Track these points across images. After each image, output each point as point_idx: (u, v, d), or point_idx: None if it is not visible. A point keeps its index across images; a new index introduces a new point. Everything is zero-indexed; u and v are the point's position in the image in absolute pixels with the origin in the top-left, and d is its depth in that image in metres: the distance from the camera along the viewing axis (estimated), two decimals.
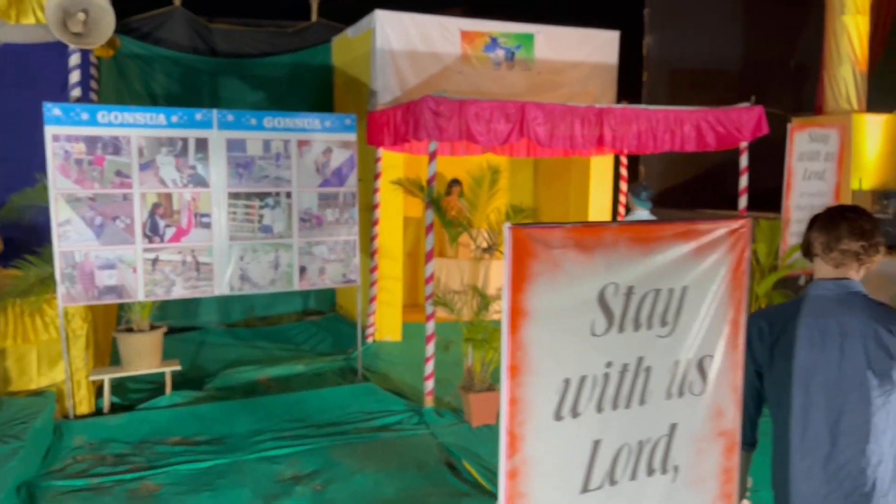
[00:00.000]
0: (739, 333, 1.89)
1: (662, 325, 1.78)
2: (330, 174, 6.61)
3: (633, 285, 1.71)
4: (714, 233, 1.82)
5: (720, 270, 1.84)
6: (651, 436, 1.80)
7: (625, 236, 1.69)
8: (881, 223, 2.31)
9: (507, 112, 6.19)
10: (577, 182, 9.75)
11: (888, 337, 2.16)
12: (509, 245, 1.54)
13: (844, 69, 8.14)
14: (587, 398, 1.69)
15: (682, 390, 1.84)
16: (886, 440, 2.22)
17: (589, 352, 1.68)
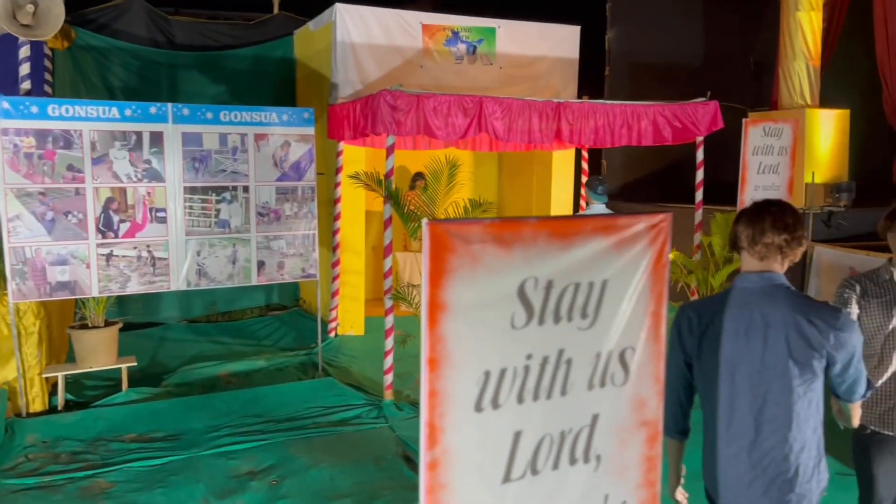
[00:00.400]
0: (661, 325, 1.94)
1: (583, 317, 1.81)
2: (288, 168, 6.58)
3: (552, 279, 1.74)
4: (634, 227, 1.86)
5: (641, 264, 1.89)
6: (573, 426, 1.84)
7: (544, 231, 1.72)
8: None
9: (464, 106, 6.22)
10: (540, 176, 9.82)
11: (809, 328, 2.23)
12: (427, 241, 1.57)
13: (798, 64, 8.30)
14: (508, 390, 1.72)
15: (604, 381, 1.88)
16: (809, 428, 2.29)
17: (509, 344, 1.71)
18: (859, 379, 2.34)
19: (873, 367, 3.08)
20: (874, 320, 3.06)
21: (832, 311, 2.24)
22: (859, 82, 10.49)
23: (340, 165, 8.09)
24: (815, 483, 2.31)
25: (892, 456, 3.01)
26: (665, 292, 1.93)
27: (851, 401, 2.42)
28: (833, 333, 2.21)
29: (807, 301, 2.28)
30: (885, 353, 3.04)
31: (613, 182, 11.17)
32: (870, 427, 3.07)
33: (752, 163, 7.22)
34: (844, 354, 2.24)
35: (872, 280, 3.11)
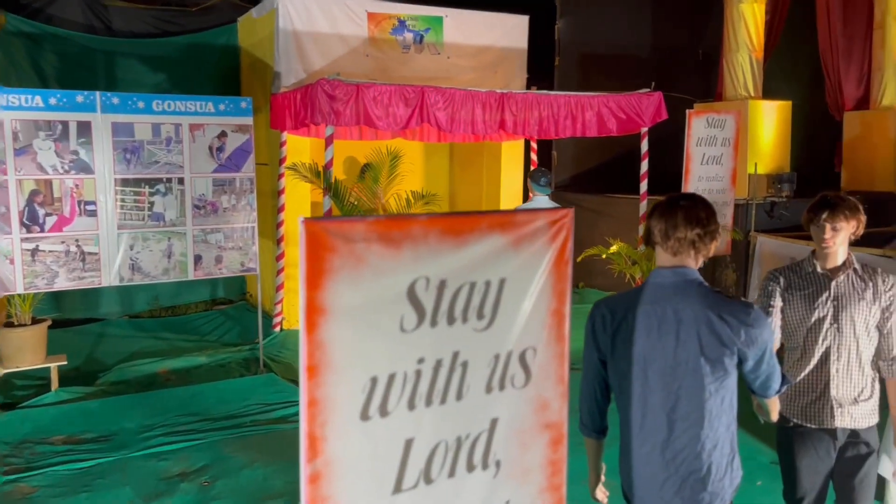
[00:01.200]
0: (564, 325, 1.87)
1: (479, 318, 1.74)
2: (225, 159, 6.40)
3: (445, 279, 1.66)
4: (533, 223, 1.78)
5: (541, 261, 1.82)
6: (470, 431, 1.77)
7: (436, 229, 1.63)
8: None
9: (406, 96, 6.11)
10: (489, 167, 9.77)
11: (720, 324, 2.19)
12: (304, 240, 1.47)
13: (742, 56, 8.37)
14: (397, 396, 1.64)
15: (504, 384, 1.81)
16: (722, 425, 2.26)
17: (398, 348, 1.62)
18: (773, 374, 2.32)
19: (796, 359, 3.08)
20: (797, 313, 3.05)
21: (743, 308, 2.21)
22: (803, 74, 10.66)
23: (284, 156, 7.91)
24: (728, 481, 2.28)
25: (814, 449, 3.02)
26: (568, 290, 1.86)
27: (767, 396, 2.39)
28: (744, 330, 2.18)
29: (719, 297, 2.24)
30: (807, 345, 3.04)
31: (563, 173, 11.18)
32: (792, 420, 3.07)
33: (696, 154, 7.26)
34: (756, 351, 2.21)
35: (796, 272, 3.11)
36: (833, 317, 2.98)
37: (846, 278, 3.01)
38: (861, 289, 2.99)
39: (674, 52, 11.54)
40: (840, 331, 2.97)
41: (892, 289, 3.00)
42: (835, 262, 3.03)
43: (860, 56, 9.88)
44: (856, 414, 2.98)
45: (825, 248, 3.01)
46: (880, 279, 3.01)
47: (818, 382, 3.01)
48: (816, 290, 3.03)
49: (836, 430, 2.99)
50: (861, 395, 2.98)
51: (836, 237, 2.98)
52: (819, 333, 3.00)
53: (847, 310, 2.97)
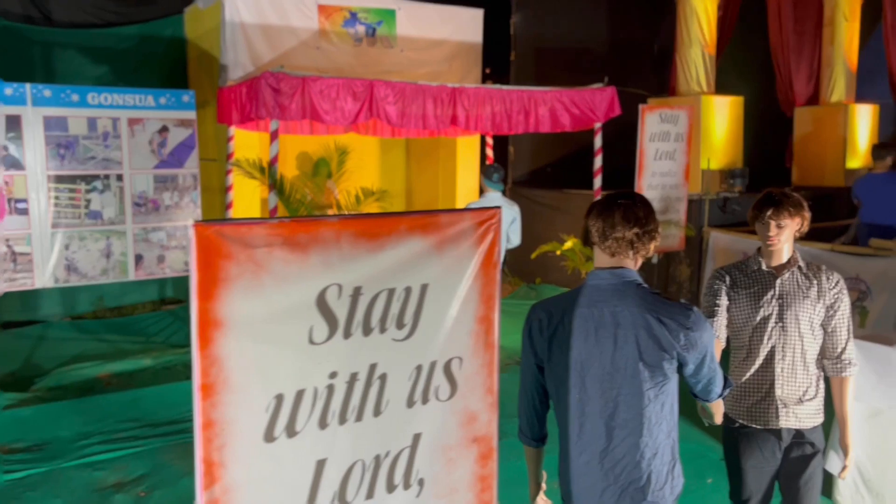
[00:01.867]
0: (492, 332, 1.76)
1: (399, 327, 1.62)
2: (167, 155, 6.16)
3: (360, 286, 1.54)
4: (458, 225, 1.67)
5: (467, 265, 1.70)
6: (390, 449, 1.65)
7: (349, 232, 1.51)
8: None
9: (354, 90, 5.95)
10: (445, 163, 9.65)
11: (659, 328, 2.10)
12: (194, 246, 1.32)
13: (694, 52, 8.38)
14: (307, 414, 1.51)
15: (427, 397, 1.69)
16: (662, 432, 2.18)
17: (307, 363, 1.49)
18: (714, 378, 2.24)
19: (741, 359, 3.02)
20: (742, 312, 3.00)
21: (682, 310, 2.12)
22: (755, 70, 10.76)
23: (231, 151, 7.67)
24: (668, 489, 2.20)
25: (759, 449, 2.97)
26: (496, 295, 1.75)
27: (709, 400, 2.32)
28: (683, 333, 2.10)
29: (657, 299, 2.15)
30: (752, 345, 2.98)
31: (521, 169, 11.11)
32: (738, 420, 3.02)
33: (649, 149, 7.24)
34: (696, 354, 2.13)
35: (742, 270, 3.06)
36: (778, 315, 2.93)
37: (791, 276, 2.96)
38: (806, 287, 2.95)
39: (630, 48, 11.54)
40: (785, 330, 2.93)
41: (836, 286, 2.96)
42: (780, 260, 2.99)
43: (810, 53, 10.01)
44: (800, 414, 2.93)
45: (770, 246, 2.96)
46: (825, 277, 2.97)
47: (763, 382, 2.96)
48: (762, 289, 2.97)
49: (781, 430, 2.94)
50: (806, 395, 2.94)
51: (781, 234, 2.93)
52: (764, 332, 2.95)
53: (792, 308, 2.92)
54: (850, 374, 2.96)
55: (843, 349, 2.96)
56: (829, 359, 2.99)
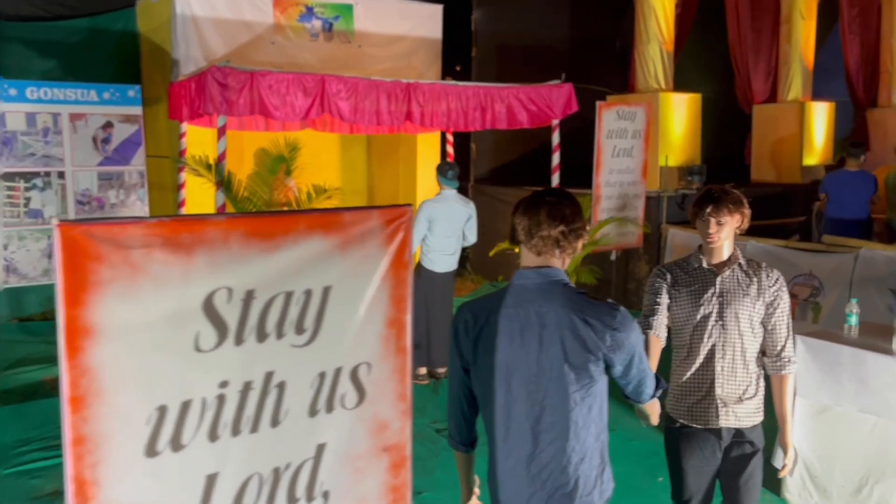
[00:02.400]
0: (404, 336, 1.68)
1: (298, 332, 1.53)
2: (112, 151, 5.98)
3: (253, 289, 1.45)
4: (364, 223, 1.58)
5: (374, 266, 1.62)
6: (291, 460, 1.56)
7: (239, 231, 1.41)
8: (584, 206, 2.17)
9: (305, 85, 5.83)
10: (406, 160, 9.55)
11: (584, 328, 2.04)
12: (58, 248, 1.22)
13: (653, 48, 8.40)
14: (194, 426, 1.41)
15: (332, 405, 1.61)
16: (590, 435, 2.12)
17: (193, 371, 1.40)
18: (645, 379, 2.19)
19: (682, 358, 2.99)
20: (683, 310, 2.96)
21: (609, 310, 2.06)
22: (715, 67, 10.83)
23: (184, 148, 7.48)
24: (597, 494, 2.14)
25: (700, 449, 2.94)
26: (408, 297, 1.67)
27: (640, 401, 2.27)
28: (609, 334, 2.04)
29: (584, 299, 2.09)
30: (693, 343, 2.95)
31: (483, 166, 11.05)
32: (679, 420, 2.98)
33: (607, 146, 7.22)
34: (623, 355, 2.07)
35: (683, 268, 3.02)
36: (718, 313, 2.90)
37: (732, 274, 2.93)
38: (746, 284, 2.92)
39: (593, 45, 11.54)
40: (725, 328, 2.89)
41: (775, 284, 2.93)
42: (720, 257, 2.95)
43: (768, 50, 10.10)
44: (740, 413, 2.91)
45: (710, 243, 2.92)
46: (764, 274, 2.94)
47: (704, 381, 2.93)
48: (702, 287, 2.94)
49: (721, 429, 2.91)
50: (746, 394, 2.91)
51: (721, 231, 2.90)
52: (704, 331, 2.91)
53: (732, 306, 2.89)
54: (789, 371, 2.94)
55: (782, 347, 2.94)
56: (770, 357, 2.96)
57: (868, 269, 6.15)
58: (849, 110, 11.28)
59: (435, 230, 5.85)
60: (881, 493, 3.83)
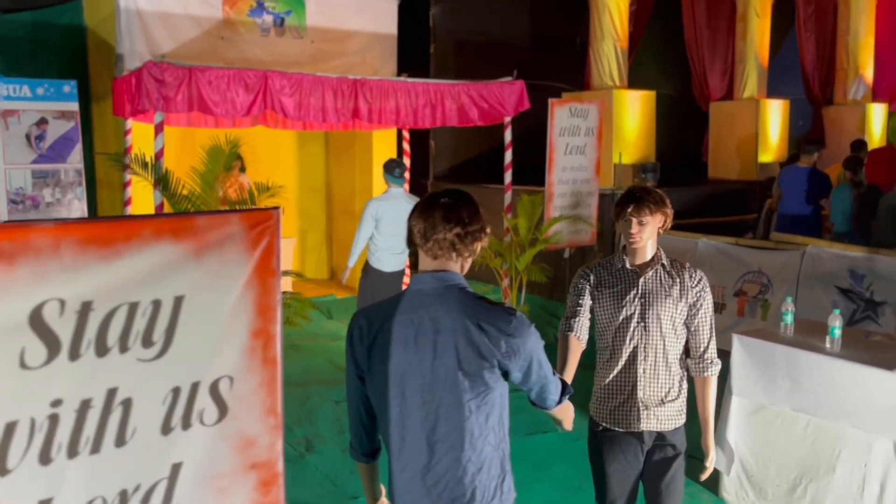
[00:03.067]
0: (273, 346, 1.59)
1: (146, 345, 1.43)
2: (46, 149, 5.79)
3: (90, 300, 1.35)
4: (222, 228, 1.49)
5: (235, 274, 1.53)
6: (141, 482, 1.46)
7: (72, 238, 1.31)
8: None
9: (246, 81, 5.71)
10: (362, 157, 9.44)
11: (478, 334, 1.97)
12: None
13: (607, 45, 8.38)
14: (22, 449, 1.31)
15: (189, 422, 1.52)
16: (489, 445, 2.04)
17: (19, 390, 1.30)
18: (547, 385, 2.12)
19: (605, 360, 2.94)
20: (606, 311, 2.91)
21: (504, 315, 1.99)
22: (673, 65, 10.86)
23: (129, 145, 7.30)
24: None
25: (622, 453, 2.89)
26: (276, 306, 1.58)
27: (546, 408, 2.20)
28: (504, 340, 1.96)
29: (480, 304, 2.02)
30: (615, 345, 2.89)
31: (442, 164, 10.97)
32: (601, 424, 2.93)
33: (559, 144, 7.18)
34: (520, 362, 2.00)
35: (606, 269, 2.96)
36: (640, 315, 2.85)
37: (654, 274, 2.89)
38: (668, 285, 2.88)
39: (553, 42, 11.49)
40: (647, 329, 2.85)
41: (698, 284, 2.89)
42: (644, 258, 2.91)
43: (724, 48, 10.15)
44: (662, 416, 2.86)
45: (632, 243, 2.87)
46: (687, 275, 2.90)
47: (626, 384, 2.88)
48: (625, 288, 2.89)
49: (642, 433, 2.87)
50: (668, 396, 2.87)
51: (643, 231, 2.85)
52: (626, 332, 2.87)
53: (654, 307, 2.85)
54: (712, 373, 2.91)
55: (705, 348, 2.90)
56: (693, 358, 2.93)
57: (815, 267, 6.18)
58: (808, 108, 11.39)
59: (382, 229, 5.77)
60: (814, 493, 3.83)
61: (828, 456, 3.77)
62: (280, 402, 1.61)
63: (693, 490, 4.36)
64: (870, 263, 5.81)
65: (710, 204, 8.92)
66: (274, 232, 1.55)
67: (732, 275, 6.77)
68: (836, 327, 3.80)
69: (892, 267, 5.69)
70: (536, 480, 4.60)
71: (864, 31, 10.57)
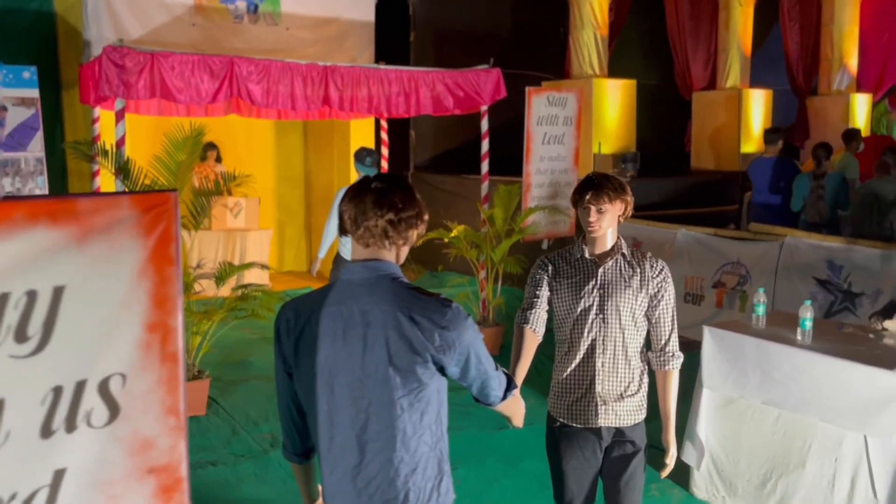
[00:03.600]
0: (172, 341, 1.47)
1: (20, 341, 1.30)
2: (6, 137, 5.62)
3: None
4: (107, 212, 1.36)
5: (126, 262, 1.40)
6: (17, 490, 1.34)
7: None
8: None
9: (211, 67, 5.54)
10: (340, 146, 9.29)
11: (410, 327, 1.84)
12: None
13: (587, 34, 8.25)
14: None
15: (74, 424, 1.39)
16: (424, 445, 1.92)
17: None
18: (488, 381, 2.00)
19: (563, 354, 2.82)
20: (564, 303, 2.79)
21: (438, 307, 1.86)
22: (656, 54, 10.74)
23: (97, 134, 7.13)
24: None
25: (580, 450, 2.78)
26: (176, 297, 1.45)
27: (490, 404, 2.08)
28: (438, 333, 1.84)
29: (413, 295, 1.89)
30: (573, 339, 2.78)
31: (424, 154, 10.82)
32: (559, 420, 2.82)
33: (537, 133, 7.05)
34: (455, 356, 1.87)
35: (565, 259, 2.85)
36: (599, 307, 2.74)
37: (614, 264, 2.77)
38: (628, 276, 2.76)
39: (536, 31, 11.35)
40: (606, 322, 2.73)
41: (659, 274, 2.78)
42: (603, 247, 2.79)
43: (707, 37, 10.03)
44: (620, 411, 2.75)
45: (591, 232, 2.75)
46: (648, 265, 2.79)
47: (584, 378, 2.77)
48: (583, 278, 2.77)
49: (601, 429, 2.76)
50: (627, 391, 2.76)
51: (602, 220, 2.73)
52: (585, 325, 2.75)
53: (613, 298, 2.73)
54: (673, 367, 2.80)
55: (666, 341, 2.80)
56: (654, 351, 2.82)
57: (793, 257, 6.10)
58: (792, 99, 11.31)
59: None
60: (784, 488, 3.74)
61: (798, 450, 3.68)
62: (183, 400, 1.49)
63: (663, 485, 4.27)
64: (848, 254, 5.73)
65: (691, 195, 8.82)
66: (171, 216, 1.42)
67: (711, 266, 6.68)
68: (807, 319, 3.70)
69: (870, 258, 5.61)
70: (505, 476, 4.50)
71: (849, 20, 10.49)
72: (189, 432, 4.86)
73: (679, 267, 6.88)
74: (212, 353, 5.72)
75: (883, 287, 5.43)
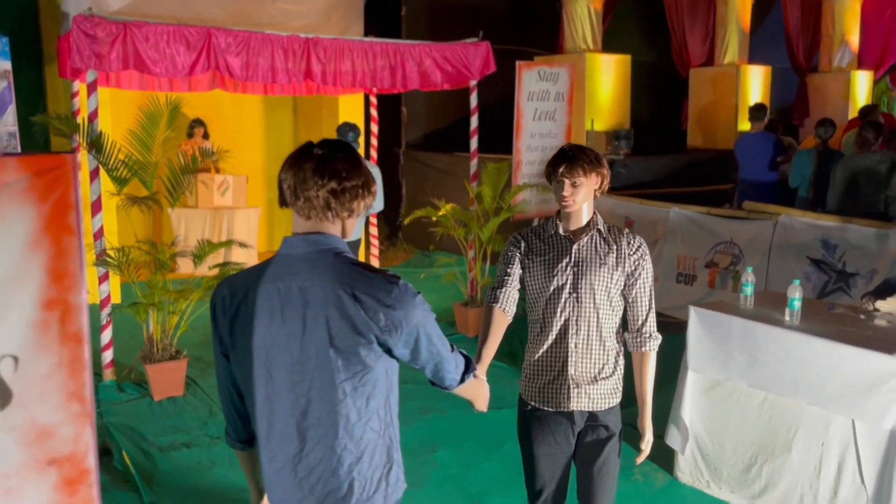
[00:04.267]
0: (75, 319, 1.33)
1: None
2: None
3: None
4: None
5: (15, 230, 1.25)
6: None
7: None
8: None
9: (188, 38, 5.36)
10: (328, 123, 9.09)
11: (353, 306, 1.70)
12: None
13: (580, 7, 8.04)
14: None
15: None
16: (370, 431, 1.79)
17: None
18: (442, 363, 1.87)
19: (535, 335, 2.68)
20: (537, 281, 2.65)
21: (384, 284, 1.72)
22: (653, 30, 10.52)
23: (77, 109, 6.95)
24: (380, 498, 1.82)
25: (552, 434, 2.65)
26: (77, 271, 1.31)
27: (447, 388, 1.95)
28: (383, 312, 1.70)
29: (356, 271, 1.74)
30: (546, 318, 2.64)
31: (416, 131, 10.64)
32: (530, 403, 2.69)
33: (528, 109, 6.88)
34: (404, 337, 1.73)
35: (538, 235, 2.70)
36: (572, 285, 2.60)
37: (589, 241, 2.63)
38: (604, 253, 2.62)
39: (531, 6, 11.11)
40: (579, 301, 2.59)
41: (637, 252, 2.64)
42: (578, 223, 2.65)
43: (705, 12, 9.80)
44: (594, 395, 2.62)
45: (565, 207, 2.61)
46: (625, 241, 2.64)
47: (556, 360, 2.63)
48: (557, 255, 2.63)
49: (573, 412, 2.63)
50: (602, 373, 2.63)
51: (577, 194, 2.58)
52: (558, 304, 2.61)
53: (587, 276, 2.59)
54: (650, 348, 2.66)
55: (643, 321, 2.66)
56: (630, 332, 2.69)
57: (787, 236, 5.95)
58: (793, 77, 11.09)
59: None
60: (769, 473, 3.62)
61: (784, 434, 3.56)
62: (89, 385, 1.35)
63: (647, 470, 4.16)
64: (842, 233, 5.58)
65: (687, 173, 8.66)
66: (69, 182, 1.27)
67: (704, 245, 6.54)
68: (795, 299, 3.56)
69: (865, 237, 5.46)
70: (486, 460, 4.40)
71: None
72: (165, 413, 4.77)
73: (671, 246, 6.74)
74: (192, 334, 5.61)
75: (878, 267, 5.29)
